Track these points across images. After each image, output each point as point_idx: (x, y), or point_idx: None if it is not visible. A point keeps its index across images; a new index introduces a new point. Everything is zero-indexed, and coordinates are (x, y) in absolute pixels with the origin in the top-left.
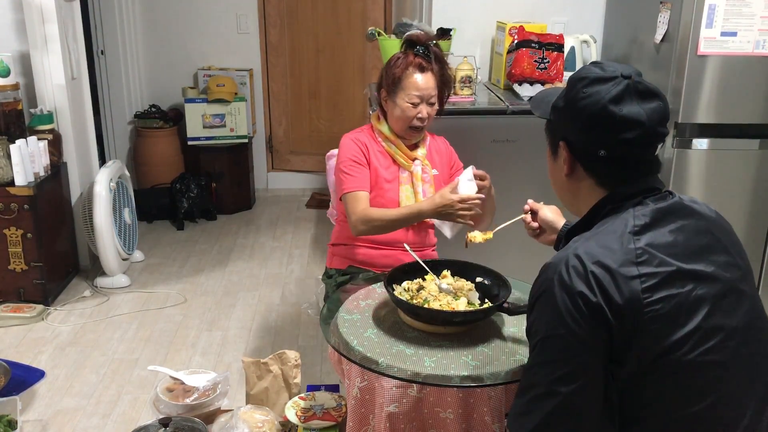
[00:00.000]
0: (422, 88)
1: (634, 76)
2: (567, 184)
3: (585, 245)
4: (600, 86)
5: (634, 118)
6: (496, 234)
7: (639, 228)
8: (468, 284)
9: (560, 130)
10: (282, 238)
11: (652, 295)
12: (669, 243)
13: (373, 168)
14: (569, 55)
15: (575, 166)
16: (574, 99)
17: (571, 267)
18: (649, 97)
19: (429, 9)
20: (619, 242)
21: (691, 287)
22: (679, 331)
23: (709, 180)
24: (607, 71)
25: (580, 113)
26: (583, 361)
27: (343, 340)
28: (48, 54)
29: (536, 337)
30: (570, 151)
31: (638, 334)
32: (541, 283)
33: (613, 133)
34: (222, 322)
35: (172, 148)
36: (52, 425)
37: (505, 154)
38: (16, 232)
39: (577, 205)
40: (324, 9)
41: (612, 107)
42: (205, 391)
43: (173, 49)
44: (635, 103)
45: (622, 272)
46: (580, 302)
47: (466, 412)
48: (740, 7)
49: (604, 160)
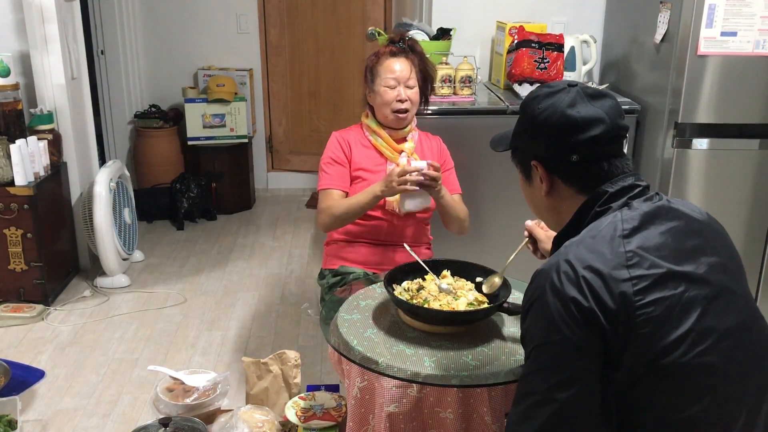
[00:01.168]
0: (396, 70)
1: (579, 84)
2: (549, 203)
3: (575, 250)
4: (553, 98)
5: (593, 116)
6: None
7: (628, 231)
8: (468, 284)
9: (528, 152)
10: (282, 238)
11: (644, 297)
12: (659, 245)
13: (356, 162)
14: (569, 55)
15: (553, 180)
16: (533, 117)
17: (563, 273)
18: (600, 97)
19: (429, 9)
20: (609, 246)
21: (682, 289)
22: (672, 334)
23: (709, 180)
24: (553, 86)
25: (543, 126)
26: (578, 367)
27: (343, 340)
28: (48, 54)
29: (531, 344)
30: (544, 166)
31: (632, 338)
32: (534, 290)
33: (578, 134)
34: (222, 322)
35: (172, 148)
36: (52, 425)
37: (505, 154)
38: (16, 232)
39: (562, 222)
40: (324, 9)
41: (570, 111)
42: (205, 391)
43: (173, 49)
44: (589, 104)
45: (614, 276)
46: (573, 308)
47: (466, 412)
48: (740, 7)
49: (579, 165)
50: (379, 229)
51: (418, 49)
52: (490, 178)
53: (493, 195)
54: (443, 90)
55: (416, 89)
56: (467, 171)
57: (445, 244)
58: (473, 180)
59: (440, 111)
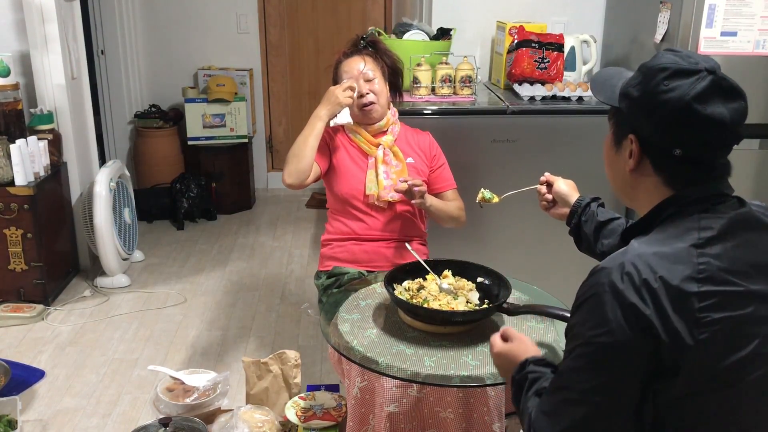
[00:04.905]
0: (351, 68)
1: (717, 70)
2: (629, 179)
3: (643, 253)
4: (683, 80)
5: (717, 118)
6: (503, 204)
7: (704, 240)
8: (469, 284)
9: (631, 122)
10: (282, 238)
11: (709, 315)
12: (734, 258)
13: (340, 159)
14: (569, 55)
15: (644, 162)
16: (654, 91)
17: (625, 274)
18: (733, 97)
19: (429, 9)
20: (681, 254)
21: (751, 309)
22: (733, 355)
23: None
24: (689, 63)
25: (660, 108)
26: (621, 375)
27: (343, 340)
28: (48, 54)
29: (576, 340)
30: (641, 145)
31: (690, 355)
32: (591, 286)
33: (693, 133)
34: (222, 322)
35: (172, 148)
36: (52, 425)
37: (505, 154)
38: (16, 232)
39: (636, 201)
40: (324, 9)
41: (696, 105)
42: (205, 391)
43: (173, 49)
44: (720, 102)
45: (682, 288)
46: (631, 313)
47: (466, 411)
48: (740, 7)
49: (678, 160)
50: (365, 225)
51: (376, 41)
52: (490, 178)
53: None
54: (443, 90)
55: (378, 80)
56: (467, 171)
57: (445, 244)
58: (473, 180)
59: (440, 111)
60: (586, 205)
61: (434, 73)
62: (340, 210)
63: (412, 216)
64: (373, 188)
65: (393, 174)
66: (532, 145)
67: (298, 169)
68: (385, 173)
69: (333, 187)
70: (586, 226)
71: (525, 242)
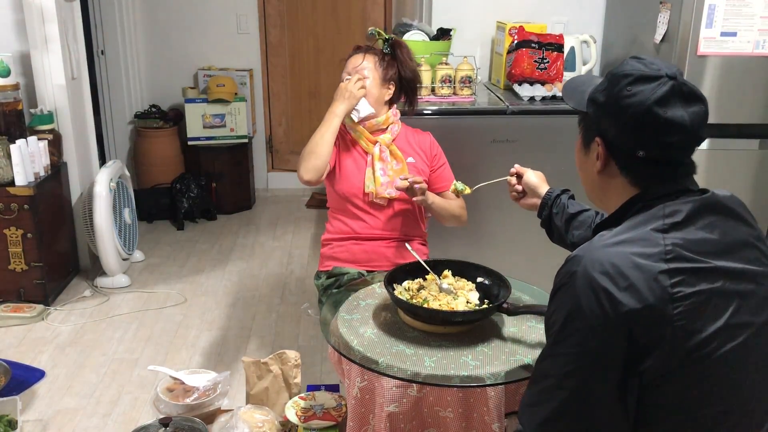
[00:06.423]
0: (353, 65)
1: (678, 76)
2: (598, 180)
3: (612, 239)
4: (645, 85)
5: (678, 121)
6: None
7: (669, 225)
8: (469, 284)
9: (597, 126)
10: (282, 238)
11: (682, 290)
12: (700, 240)
13: (342, 157)
14: (569, 55)
15: (609, 164)
16: (618, 96)
17: (596, 260)
18: (692, 101)
19: (429, 9)
20: (648, 237)
21: (720, 283)
22: (707, 328)
23: (709, 180)
24: (651, 69)
25: (623, 112)
26: (598, 357)
27: (343, 340)
28: (48, 54)
29: (553, 328)
30: (606, 147)
31: (666, 331)
32: (564, 275)
33: (655, 135)
34: (222, 322)
35: (172, 148)
36: (52, 425)
37: (505, 154)
38: (16, 232)
39: (605, 201)
40: (324, 9)
41: (657, 109)
42: (205, 391)
43: (173, 49)
44: (680, 106)
45: (651, 267)
46: (603, 297)
47: (466, 411)
48: (740, 7)
49: (642, 161)
50: (365, 224)
51: (399, 52)
52: (489, 178)
53: (493, 195)
54: (443, 90)
55: (371, 81)
56: (467, 171)
57: (445, 244)
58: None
59: (440, 111)
60: (556, 197)
61: (434, 74)
62: (340, 209)
63: (413, 215)
64: (371, 185)
65: (390, 171)
66: (532, 146)
67: (316, 166)
68: (381, 170)
69: (334, 186)
70: (556, 218)
71: (525, 242)
